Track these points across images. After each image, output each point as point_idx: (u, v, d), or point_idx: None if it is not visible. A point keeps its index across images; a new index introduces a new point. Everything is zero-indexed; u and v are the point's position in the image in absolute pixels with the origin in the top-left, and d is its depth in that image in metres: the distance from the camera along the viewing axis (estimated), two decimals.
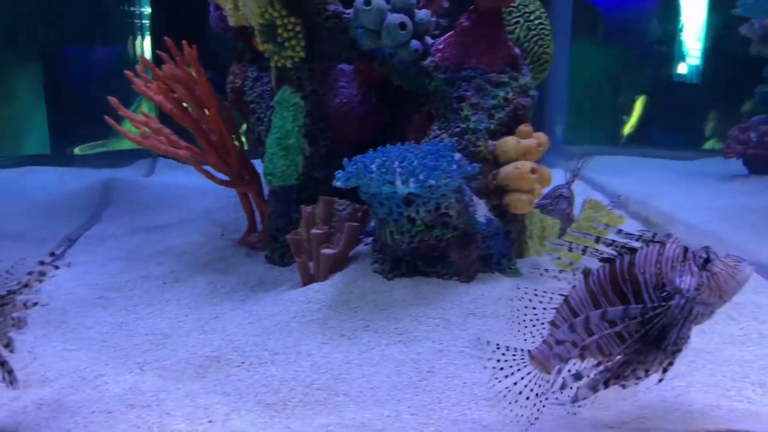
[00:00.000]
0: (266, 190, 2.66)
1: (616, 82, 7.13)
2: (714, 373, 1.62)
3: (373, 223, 2.15)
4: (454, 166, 1.92)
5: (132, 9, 7.14)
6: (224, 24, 2.73)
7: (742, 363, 1.68)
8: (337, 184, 1.94)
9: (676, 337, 1.26)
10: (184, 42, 2.61)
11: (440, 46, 2.23)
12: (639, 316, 1.25)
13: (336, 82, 2.53)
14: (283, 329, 1.88)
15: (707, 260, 1.22)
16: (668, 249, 1.25)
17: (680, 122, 7.05)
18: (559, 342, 1.31)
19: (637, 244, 1.29)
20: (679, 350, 1.28)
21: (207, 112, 2.67)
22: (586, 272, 1.33)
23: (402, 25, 2.17)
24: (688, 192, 3.86)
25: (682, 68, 6.83)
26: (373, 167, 1.91)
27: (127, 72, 2.67)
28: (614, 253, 1.30)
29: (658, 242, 1.27)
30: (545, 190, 2.49)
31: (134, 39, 7.14)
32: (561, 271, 1.37)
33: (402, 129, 2.56)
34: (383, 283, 2.01)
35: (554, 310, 1.37)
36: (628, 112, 7.40)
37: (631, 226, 3.08)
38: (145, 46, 7.15)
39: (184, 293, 2.31)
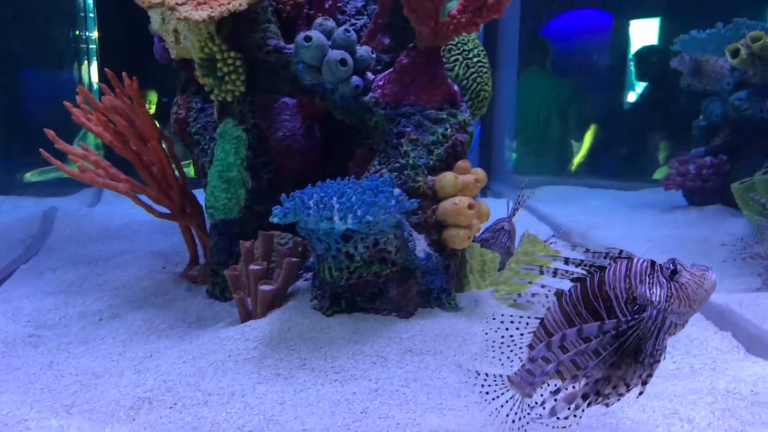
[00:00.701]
0: (209, 222, 2.63)
1: (566, 112, 7.23)
2: (645, 409, 1.64)
3: (312, 259, 2.14)
4: (393, 202, 1.92)
5: (79, 33, 7.04)
6: (168, 55, 2.71)
7: (673, 398, 1.71)
8: (274, 220, 1.92)
9: (653, 348, 1.30)
10: (124, 74, 2.58)
11: (380, 83, 2.25)
12: (613, 330, 1.28)
13: (279, 115, 2.53)
14: (218, 368, 1.84)
15: (674, 271, 1.28)
16: (636, 263, 1.30)
17: (629, 151, 7.19)
18: (533, 359, 1.34)
19: (605, 262, 1.33)
20: (657, 361, 1.31)
21: (148, 143, 2.64)
22: (559, 294, 1.36)
23: (343, 62, 2.18)
24: (630, 223, 3.94)
25: (631, 97, 6.98)
26: (311, 203, 1.90)
27: (66, 103, 2.62)
28: (584, 272, 1.34)
29: (625, 258, 1.32)
30: (486, 225, 2.52)
31: (81, 64, 7.04)
32: (534, 294, 1.40)
33: (344, 162, 2.57)
34: (322, 319, 2.00)
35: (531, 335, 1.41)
36: (578, 141, 7.52)
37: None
38: (92, 71, 7.05)
39: (120, 330, 2.25)
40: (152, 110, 6.84)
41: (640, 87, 6.80)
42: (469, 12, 2.12)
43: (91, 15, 7.01)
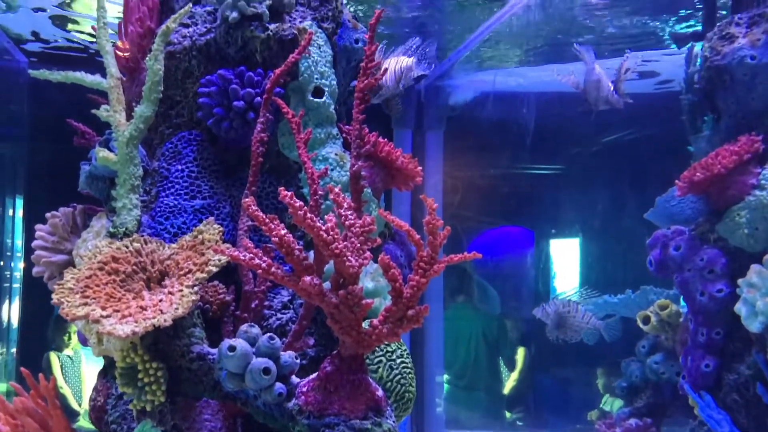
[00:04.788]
0: None
1: (495, 343, 7.25)
2: None
3: None
4: None
5: (2, 270, 6.96)
6: None
7: None
8: None
9: None
10: (40, 375, 2.52)
11: (304, 389, 2.25)
12: None
13: (200, 414, 2.47)
14: None
15: None
16: None
17: (562, 385, 7.17)
18: None
19: None
20: None
21: None
22: None
23: (266, 370, 2.19)
24: None
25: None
26: None
27: None
28: None
29: None
30: None
31: (2, 302, 6.91)
32: None
33: None
34: None
35: None
36: (508, 375, 7.49)
37: None
38: (13, 311, 6.91)
39: None
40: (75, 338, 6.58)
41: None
42: (390, 322, 2.20)
43: (18, 254, 7.00)
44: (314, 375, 2.28)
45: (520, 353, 7.38)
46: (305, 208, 2.12)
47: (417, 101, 5.46)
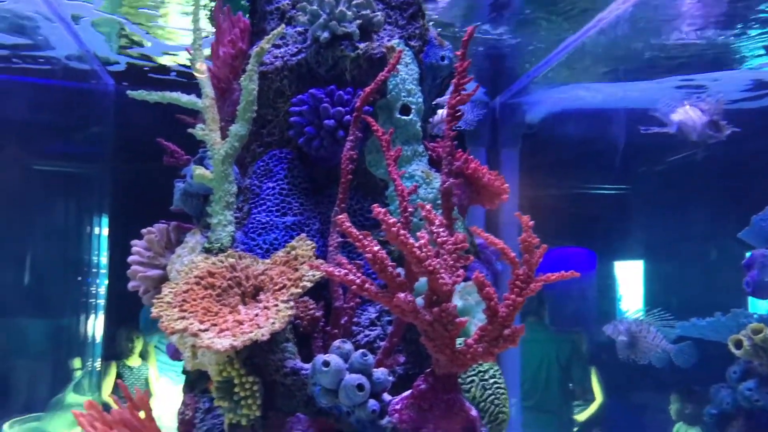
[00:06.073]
0: None
1: (568, 365, 7.13)
2: None
3: None
4: None
5: (86, 288, 7.12)
6: (178, 355, 2.73)
7: None
8: None
9: None
10: (136, 388, 2.57)
11: (397, 406, 2.23)
12: None
13: (290, 431, 2.48)
14: None
15: None
16: None
17: (637, 404, 6.96)
18: None
19: None
20: None
21: None
22: None
23: (360, 387, 2.19)
24: None
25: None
26: None
27: (74, 411, 2.58)
28: None
29: None
30: None
31: (87, 318, 7.08)
32: None
33: None
34: None
35: None
36: (584, 395, 7.32)
37: None
38: (98, 326, 7.07)
39: None
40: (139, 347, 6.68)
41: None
42: (485, 341, 2.17)
43: (103, 270, 7.19)
44: (407, 393, 2.26)
45: (595, 378, 7.21)
46: (398, 224, 2.11)
47: (492, 119, 5.41)
